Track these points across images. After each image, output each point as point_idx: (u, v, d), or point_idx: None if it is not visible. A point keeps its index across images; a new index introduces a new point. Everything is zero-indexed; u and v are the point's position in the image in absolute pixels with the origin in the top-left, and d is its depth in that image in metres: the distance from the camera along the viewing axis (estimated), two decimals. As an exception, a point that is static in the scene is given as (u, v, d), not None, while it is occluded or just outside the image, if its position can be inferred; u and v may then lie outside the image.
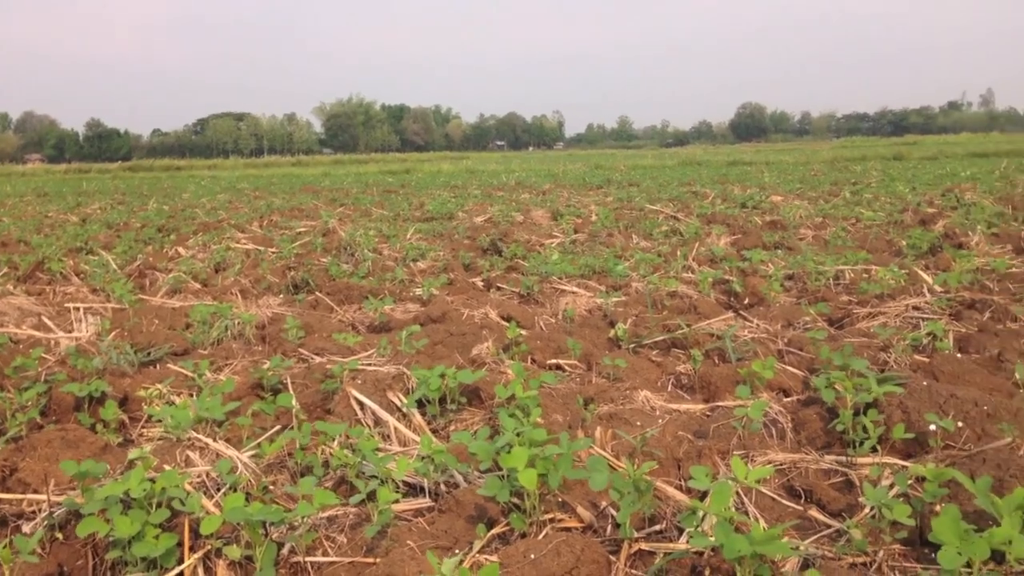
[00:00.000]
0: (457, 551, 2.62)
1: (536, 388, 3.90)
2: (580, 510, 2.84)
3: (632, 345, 5.44)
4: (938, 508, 2.85)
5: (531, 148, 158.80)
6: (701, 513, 2.62)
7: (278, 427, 3.91)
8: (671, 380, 4.83)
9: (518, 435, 3.06)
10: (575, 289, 7.23)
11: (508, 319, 5.98)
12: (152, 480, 2.77)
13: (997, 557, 2.33)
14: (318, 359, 5.00)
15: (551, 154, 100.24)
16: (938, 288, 6.55)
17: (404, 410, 3.94)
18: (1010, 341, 5.00)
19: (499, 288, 7.63)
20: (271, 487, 3.23)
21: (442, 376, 4.00)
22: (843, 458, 3.38)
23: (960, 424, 3.45)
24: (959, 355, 4.88)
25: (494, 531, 2.75)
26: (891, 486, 2.97)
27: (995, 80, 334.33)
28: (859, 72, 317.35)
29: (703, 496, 2.71)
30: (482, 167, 48.58)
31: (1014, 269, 7.52)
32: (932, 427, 3.37)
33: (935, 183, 19.15)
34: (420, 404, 4.04)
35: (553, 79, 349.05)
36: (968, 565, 2.20)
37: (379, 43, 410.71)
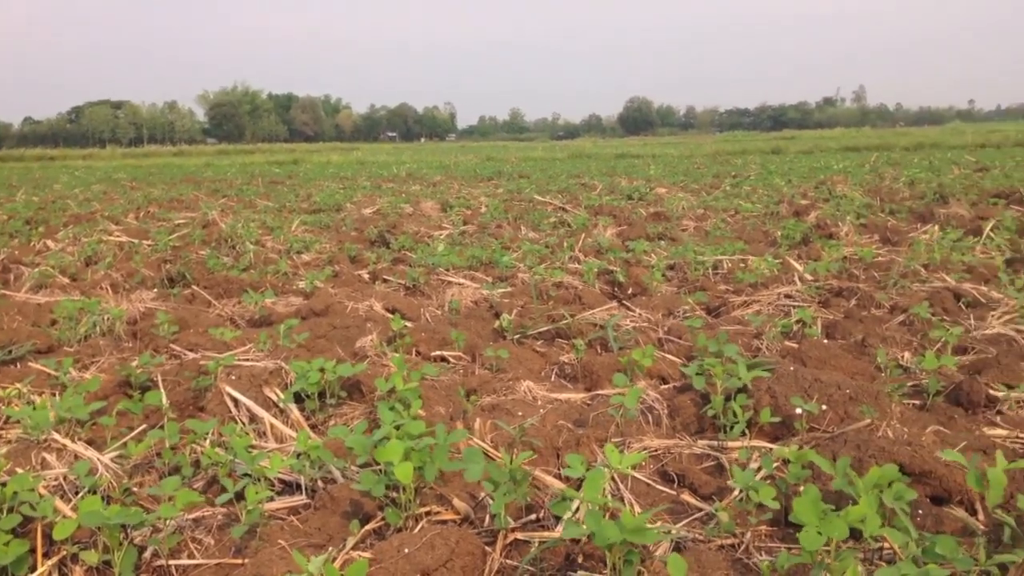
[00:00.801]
0: (331, 548, 2.56)
1: (417, 380, 3.86)
2: (456, 502, 2.82)
3: (517, 336, 5.46)
4: (801, 489, 2.96)
5: (423, 139, 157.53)
6: (576, 501, 2.65)
7: (144, 426, 3.75)
8: (554, 370, 4.86)
9: (397, 428, 3.02)
10: (462, 281, 7.21)
11: (393, 311, 5.92)
12: (2, 484, 2.61)
13: (856, 535, 2.43)
14: (192, 355, 4.82)
15: (443, 145, 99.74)
16: (809, 277, 6.82)
17: (281, 406, 3.83)
18: (873, 327, 5.25)
19: (385, 280, 7.54)
20: (136, 489, 3.09)
21: (321, 370, 3.91)
22: (715, 442, 3.47)
23: (824, 407, 3.58)
24: (826, 341, 5.09)
25: (369, 527, 2.71)
26: (758, 469, 3.07)
27: (867, 78, 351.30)
28: (742, 68, 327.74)
29: (580, 484, 2.74)
30: (372, 158, 48.03)
31: (879, 258, 7.90)
32: (798, 410, 3.50)
33: (809, 176, 19.93)
34: (299, 399, 3.95)
35: (446, 71, 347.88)
36: (829, 543, 2.28)
37: (266, 31, 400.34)
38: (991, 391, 3.97)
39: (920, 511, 2.82)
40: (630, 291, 7.03)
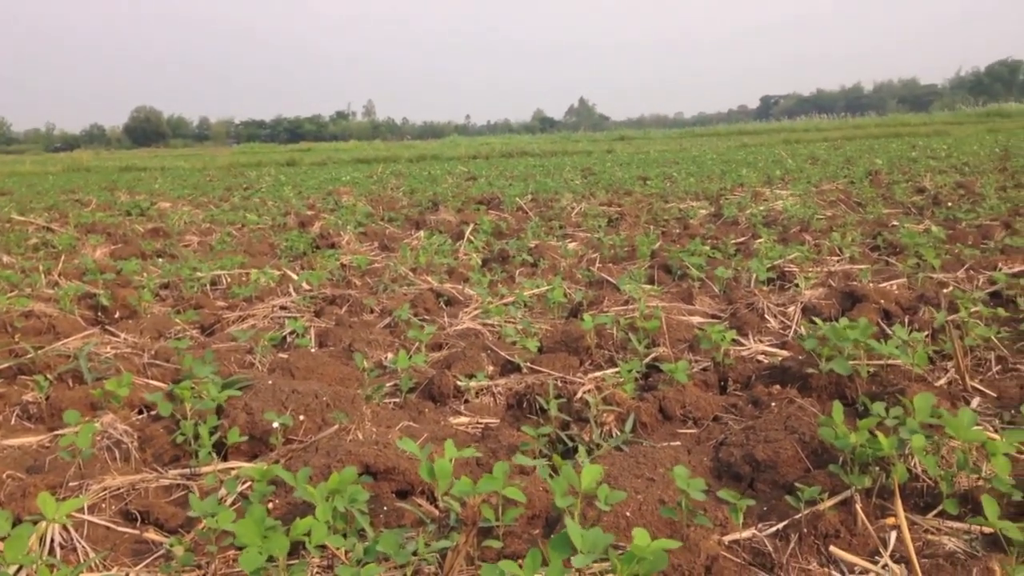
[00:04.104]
0: None
1: None
2: None
3: (-34, 378, 4.69)
4: (270, 506, 2.91)
5: None
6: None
7: None
8: (16, 412, 4.27)
9: None
10: (-102, 318, 6.02)
11: None
12: None
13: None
14: None
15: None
16: (305, 286, 6.89)
17: None
18: (360, 332, 5.44)
19: None
20: None
21: None
22: (187, 471, 3.28)
23: (302, 417, 3.59)
24: (316, 350, 5.16)
25: None
26: (226, 493, 2.95)
27: (375, 93, 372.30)
28: (259, 79, 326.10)
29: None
30: None
31: (375, 264, 8.29)
32: (275, 424, 3.46)
33: (319, 187, 20.37)
34: None
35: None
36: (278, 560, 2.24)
37: None
38: (458, 382, 4.32)
39: (385, 507, 2.93)
40: (117, 315, 6.48)
